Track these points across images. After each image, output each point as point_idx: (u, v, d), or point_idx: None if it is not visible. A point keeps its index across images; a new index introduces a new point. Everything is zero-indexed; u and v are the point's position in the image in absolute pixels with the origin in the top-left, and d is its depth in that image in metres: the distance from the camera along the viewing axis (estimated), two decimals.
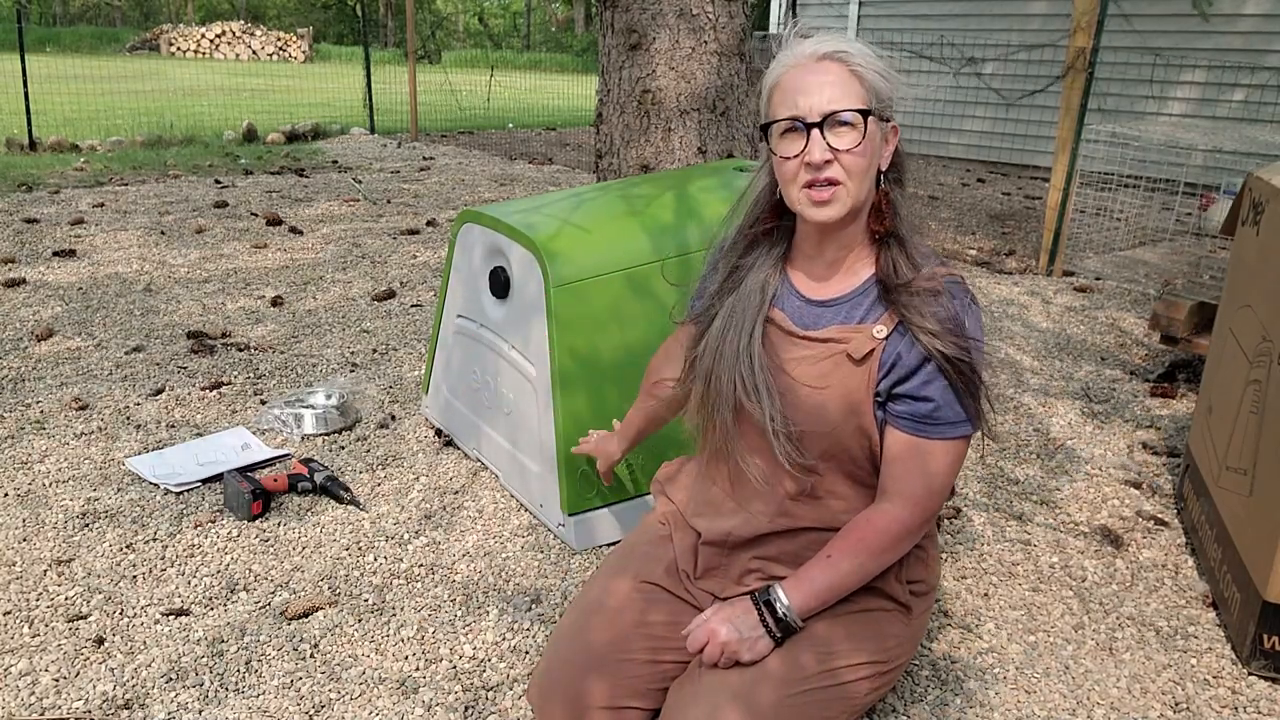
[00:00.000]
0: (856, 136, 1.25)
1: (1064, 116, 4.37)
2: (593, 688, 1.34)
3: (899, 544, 1.35)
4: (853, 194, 1.28)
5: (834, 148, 1.25)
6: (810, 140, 1.25)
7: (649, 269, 2.13)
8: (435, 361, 2.67)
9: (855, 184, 1.27)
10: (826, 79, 1.25)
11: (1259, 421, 1.88)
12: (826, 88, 1.25)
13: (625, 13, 3.09)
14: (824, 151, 1.25)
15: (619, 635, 1.38)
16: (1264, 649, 1.75)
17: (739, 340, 1.38)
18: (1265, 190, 2.15)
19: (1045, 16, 7.93)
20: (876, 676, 1.38)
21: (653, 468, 2.14)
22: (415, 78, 9.64)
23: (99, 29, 29.50)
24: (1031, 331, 3.72)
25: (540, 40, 40.00)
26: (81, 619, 1.84)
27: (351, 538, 2.16)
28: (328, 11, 39.00)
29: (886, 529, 1.34)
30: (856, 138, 1.25)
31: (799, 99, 1.26)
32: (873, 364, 1.32)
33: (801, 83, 1.26)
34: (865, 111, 1.25)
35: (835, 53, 1.27)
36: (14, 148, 7.69)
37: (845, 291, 1.37)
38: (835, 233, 1.34)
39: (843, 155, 1.25)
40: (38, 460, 2.48)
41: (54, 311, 3.65)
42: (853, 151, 1.25)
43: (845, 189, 1.27)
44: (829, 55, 1.27)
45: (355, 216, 5.55)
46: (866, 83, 1.27)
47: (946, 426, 1.31)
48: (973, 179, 7.85)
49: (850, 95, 1.25)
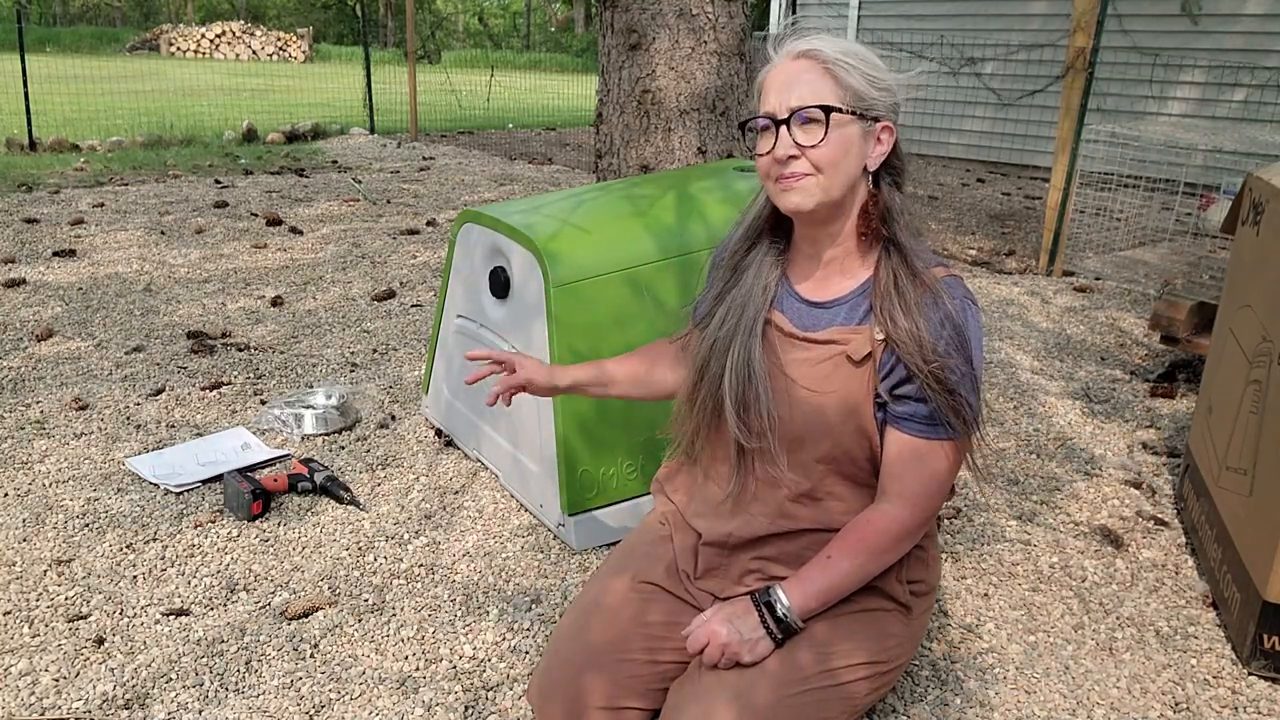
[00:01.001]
0: (820, 130, 1.26)
1: (1064, 116, 4.38)
2: (592, 688, 1.34)
3: (899, 544, 1.35)
4: (824, 186, 1.29)
5: (799, 143, 1.27)
6: (778, 136, 1.27)
7: (649, 269, 2.13)
8: (435, 361, 2.67)
9: (828, 177, 1.28)
10: (800, 76, 1.28)
11: (1259, 421, 1.88)
12: (798, 85, 1.27)
13: (625, 13, 3.09)
14: (788, 146, 1.27)
15: (619, 635, 1.38)
16: (1264, 649, 1.75)
17: (738, 341, 1.38)
18: (1265, 190, 2.15)
19: (1045, 16, 7.93)
20: (876, 676, 1.38)
21: (653, 468, 2.14)
22: (415, 78, 9.64)
23: (99, 29, 29.50)
24: (1031, 331, 3.72)
25: (540, 40, 40.00)
26: (81, 619, 1.84)
27: (351, 538, 2.16)
28: (328, 11, 39.00)
29: (886, 529, 1.34)
30: (819, 131, 1.26)
31: (771, 96, 1.29)
32: (872, 365, 1.32)
33: (776, 81, 1.30)
34: (829, 108, 1.26)
35: (809, 51, 1.29)
36: (14, 148, 7.68)
37: (844, 293, 1.37)
38: (822, 228, 1.35)
39: (809, 150, 1.27)
40: (38, 460, 2.48)
41: (54, 311, 3.65)
42: (818, 146, 1.27)
43: (816, 180, 1.28)
44: (804, 53, 1.29)
45: (355, 216, 5.55)
46: (841, 80, 1.28)
47: (945, 428, 1.31)
48: (972, 179, 7.85)
49: (820, 92, 1.27)
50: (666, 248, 2.15)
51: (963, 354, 1.30)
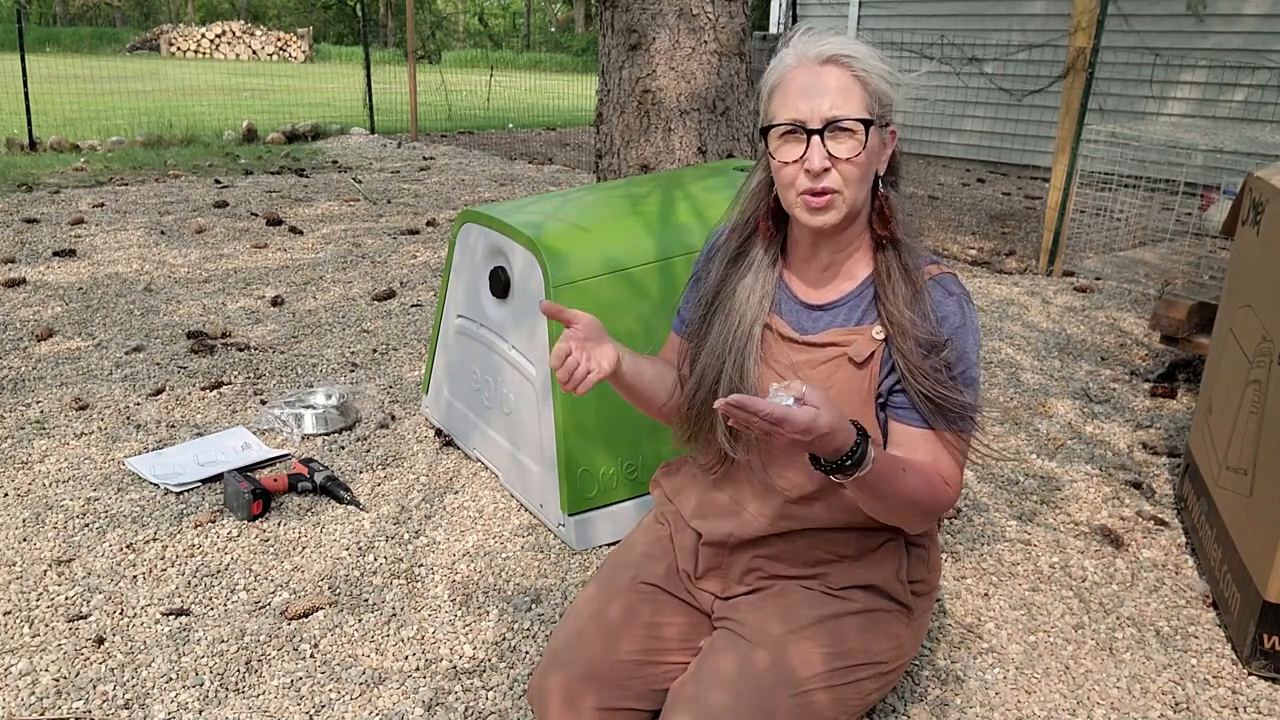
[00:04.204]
0: (856, 145, 1.23)
1: (1064, 116, 4.37)
2: (592, 689, 1.34)
3: (936, 505, 1.28)
4: (849, 201, 1.26)
5: (833, 155, 1.23)
6: (810, 146, 1.23)
7: (649, 269, 2.13)
8: (435, 361, 2.67)
9: (851, 191, 1.26)
10: (830, 84, 1.23)
11: (1259, 421, 1.88)
12: (829, 93, 1.23)
13: (625, 13, 3.09)
14: (823, 159, 1.23)
15: (618, 637, 1.38)
16: (1264, 649, 1.75)
17: (733, 352, 1.37)
18: (1265, 190, 2.15)
19: (1045, 16, 7.93)
20: (878, 677, 1.38)
21: (652, 468, 2.14)
22: (415, 78, 9.64)
23: (99, 29, 29.51)
24: (1031, 331, 3.72)
25: (540, 40, 40.00)
26: (81, 619, 1.84)
27: (351, 538, 2.16)
28: (328, 11, 39.00)
29: (939, 486, 1.29)
30: (856, 146, 1.23)
31: (800, 103, 1.23)
32: (874, 366, 1.32)
33: (804, 86, 1.24)
34: (868, 121, 1.23)
35: (840, 56, 1.24)
36: (14, 148, 7.68)
37: (843, 294, 1.37)
38: (831, 237, 1.33)
39: (841, 164, 1.23)
40: (38, 460, 2.48)
41: (54, 311, 3.65)
42: (852, 160, 1.23)
43: (842, 196, 1.26)
44: (833, 59, 1.24)
45: (355, 216, 5.55)
46: (870, 88, 1.25)
47: (945, 420, 1.30)
48: (973, 179, 7.85)
49: (853, 102, 1.23)
50: (667, 247, 2.15)
51: (960, 349, 1.29)
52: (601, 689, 1.34)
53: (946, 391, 1.28)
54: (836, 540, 1.41)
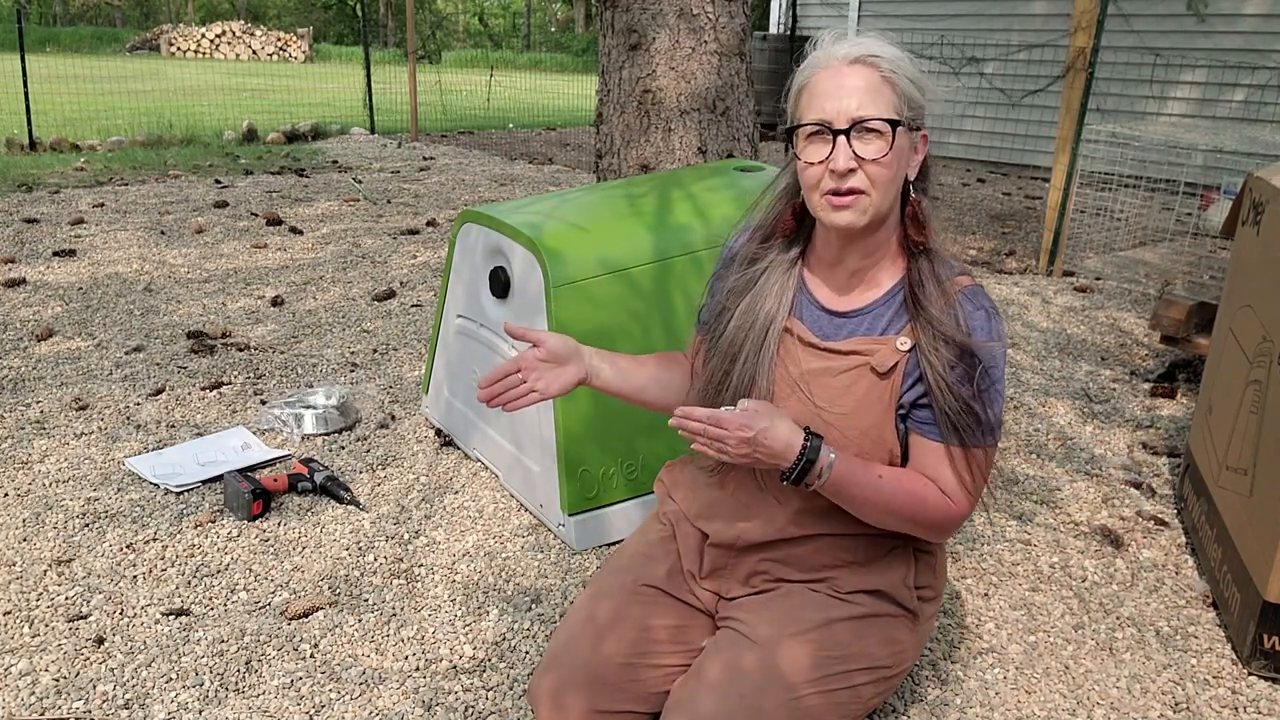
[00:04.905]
0: (884, 146, 1.21)
1: (1064, 116, 4.37)
2: (592, 691, 1.34)
3: (928, 516, 1.30)
4: (875, 203, 1.24)
5: (860, 156, 1.22)
6: (836, 147, 1.22)
7: (649, 269, 2.13)
8: (435, 361, 2.67)
9: (879, 194, 1.24)
10: (857, 84, 1.22)
11: (1259, 421, 1.88)
12: (856, 93, 1.21)
13: (625, 13, 3.09)
14: (849, 159, 1.21)
15: (618, 639, 1.37)
16: (1264, 649, 1.75)
17: (749, 357, 1.36)
18: (1265, 190, 2.15)
19: (1045, 16, 7.93)
20: (881, 681, 1.37)
21: (653, 468, 2.14)
22: (415, 78, 9.64)
23: (99, 29, 29.50)
24: (1031, 331, 3.72)
25: (540, 40, 40.00)
26: (81, 619, 1.84)
27: (351, 538, 2.16)
28: (328, 11, 39.00)
29: (936, 504, 1.30)
30: (884, 147, 1.21)
31: (826, 103, 1.22)
32: (896, 377, 1.30)
33: (830, 87, 1.23)
34: (895, 121, 1.22)
35: (867, 57, 1.23)
36: (14, 148, 7.68)
37: (868, 302, 1.34)
38: (859, 241, 1.31)
39: (868, 164, 1.22)
40: (38, 460, 2.48)
41: (54, 311, 3.65)
42: (879, 161, 1.22)
43: (869, 198, 1.24)
44: (860, 59, 1.23)
45: (355, 216, 5.55)
46: (899, 90, 1.23)
47: (969, 434, 1.29)
48: (973, 179, 7.85)
49: (880, 102, 1.22)
50: (667, 247, 2.15)
51: (987, 363, 1.28)
52: (593, 691, 1.33)
53: (971, 404, 1.27)
54: (845, 546, 1.40)
